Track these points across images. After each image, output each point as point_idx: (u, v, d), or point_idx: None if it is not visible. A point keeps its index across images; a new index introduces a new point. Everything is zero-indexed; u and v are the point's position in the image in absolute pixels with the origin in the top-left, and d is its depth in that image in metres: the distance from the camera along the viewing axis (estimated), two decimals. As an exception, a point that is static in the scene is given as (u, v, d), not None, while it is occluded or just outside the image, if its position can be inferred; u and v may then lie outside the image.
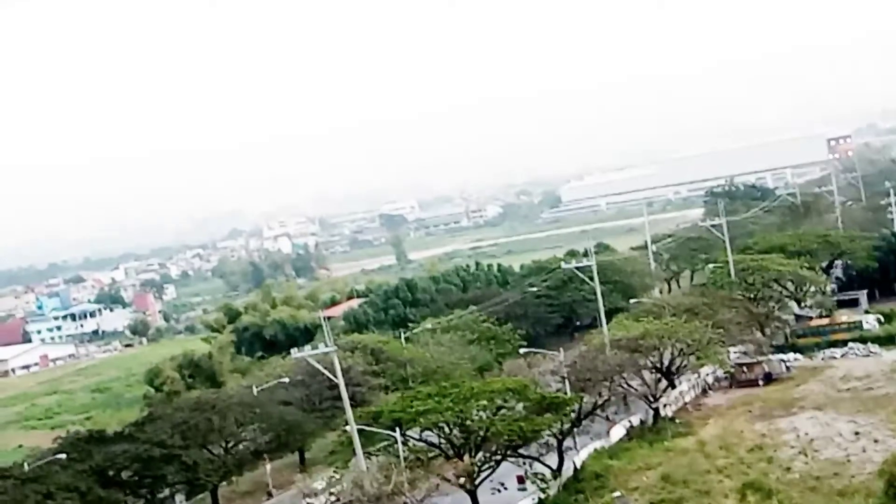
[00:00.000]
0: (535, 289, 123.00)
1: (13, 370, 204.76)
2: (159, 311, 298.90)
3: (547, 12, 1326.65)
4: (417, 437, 66.67)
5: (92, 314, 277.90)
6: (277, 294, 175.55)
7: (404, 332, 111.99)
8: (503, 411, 66.06)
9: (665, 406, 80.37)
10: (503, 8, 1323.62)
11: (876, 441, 64.22)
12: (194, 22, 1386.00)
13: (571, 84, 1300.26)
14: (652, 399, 79.35)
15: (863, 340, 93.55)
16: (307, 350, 75.82)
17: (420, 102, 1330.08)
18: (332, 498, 63.51)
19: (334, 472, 66.87)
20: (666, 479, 63.61)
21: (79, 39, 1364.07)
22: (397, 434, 66.06)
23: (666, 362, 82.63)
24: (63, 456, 75.39)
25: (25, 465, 76.13)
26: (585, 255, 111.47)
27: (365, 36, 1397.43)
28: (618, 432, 76.12)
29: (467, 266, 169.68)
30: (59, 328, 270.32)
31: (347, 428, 68.19)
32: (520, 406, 67.21)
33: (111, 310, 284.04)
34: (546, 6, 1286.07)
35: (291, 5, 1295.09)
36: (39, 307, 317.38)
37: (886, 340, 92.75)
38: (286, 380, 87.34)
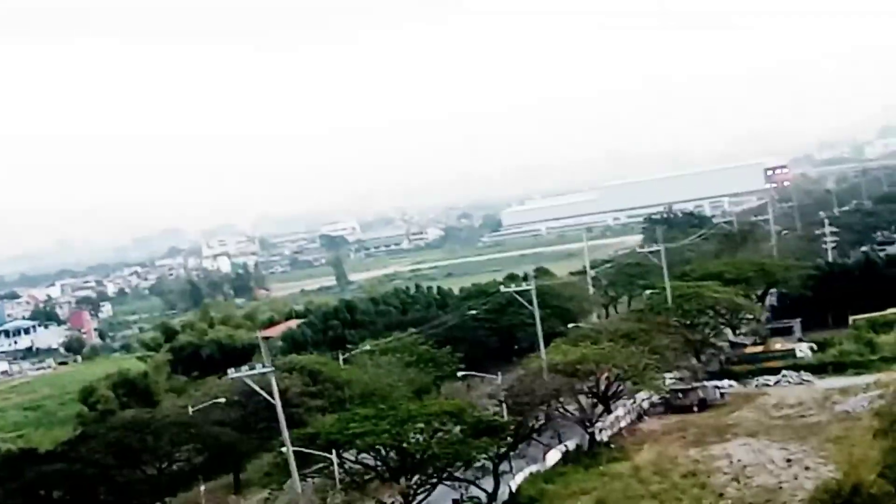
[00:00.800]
0: (474, 312, 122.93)
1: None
2: (95, 329, 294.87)
3: (508, 25, 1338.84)
4: (354, 459, 66.40)
5: (26, 331, 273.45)
6: (216, 313, 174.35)
7: (343, 354, 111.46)
8: (440, 434, 65.96)
9: (601, 431, 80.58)
10: (457, 25, 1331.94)
11: (808, 468, 64.71)
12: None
13: (512, 101, 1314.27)
14: (588, 424, 79.53)
15: (796, 368, 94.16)
16: (244, 370, 75.20)
17: (361, 119, 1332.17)
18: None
19: (269, 494, 66.36)
20: (600, 504, 63.88)
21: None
22: (333, 456, 65.71)
23: (602, 387, 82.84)
24: (-9, 476, 74.30)
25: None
26: (525, 279, 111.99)
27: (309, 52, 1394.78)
28: (553, 457, 76.12)
29: (407, 288, 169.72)
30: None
31: (283, 449, 67.73)
32: (457, 429, 67.13)
33: (46, 327, 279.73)
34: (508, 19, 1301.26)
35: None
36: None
37: (819, 368, 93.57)
38: (222, 400, 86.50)
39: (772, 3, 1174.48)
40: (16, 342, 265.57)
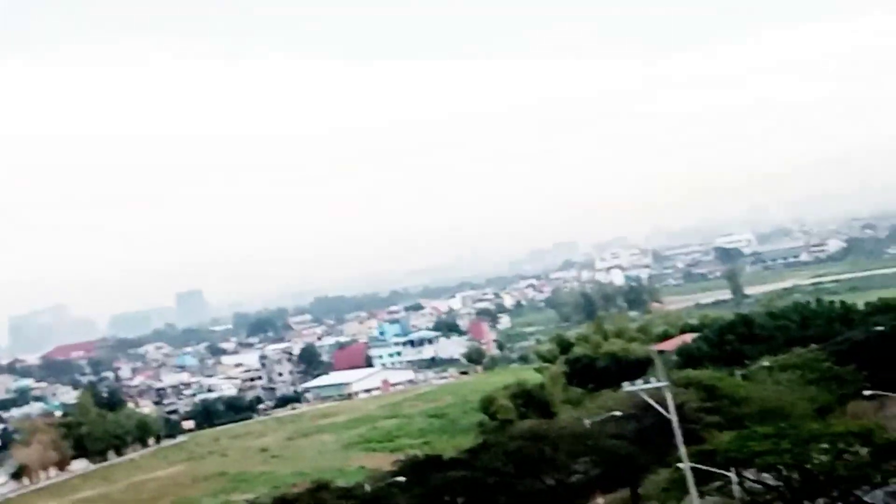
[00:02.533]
0: (881, 328, 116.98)
1: (356, 393, 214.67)
2: (493, 340, 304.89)
3: None
4: (753, 478, 64.85)
5: (430, 341, 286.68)
6: (609, 326, 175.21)
7: (740, 369, 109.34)
8: (846, 455, 63.24)
9: None
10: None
11: None
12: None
13: None
14: None
15: None
16: (639, 384, 75.21)
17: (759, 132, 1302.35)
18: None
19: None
20: None
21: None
22: (732, 474, 64.50)
23: None
24: (402, 479, 78.11)
25: (367, 485, 79.48)
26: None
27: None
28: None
29: (808, 302, 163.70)
30: (398, 353, 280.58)
31: (680, 465, 67.16)
32: (865, 450, 64.11)
33: (448, 337, 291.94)
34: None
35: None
36: (381, 333, 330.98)
37: None
38: (618, 413, 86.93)
39: None
40: (420, 352, 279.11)
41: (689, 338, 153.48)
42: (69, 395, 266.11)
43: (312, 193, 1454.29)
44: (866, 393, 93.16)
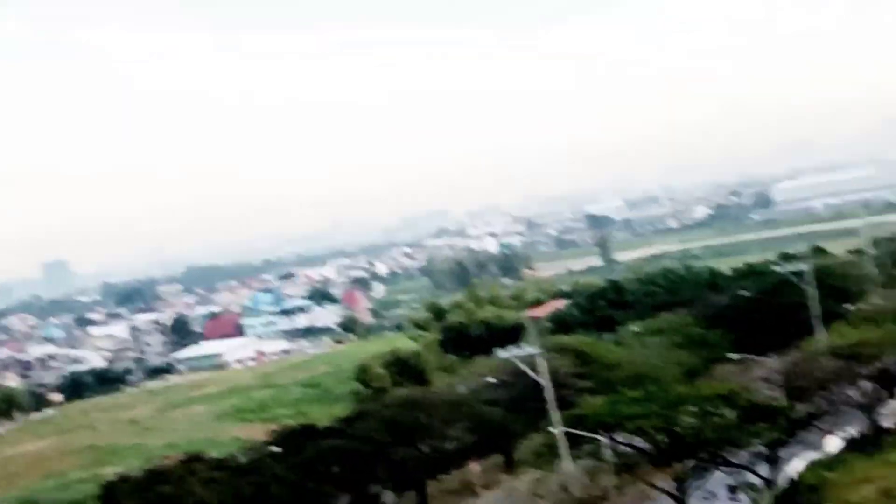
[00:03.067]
0: (746, 293, 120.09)
1: (229, 363, 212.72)
2: (368, 309, 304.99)
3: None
4: (624, 441, 66.00)
5: (303, 310, 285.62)
6: (483, 293, 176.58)
7: (610, 335, 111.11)
8: (713, 418, 64.71)
9: (885, 417, 77.12)
10: None
11: None
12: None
13: (777, 72, 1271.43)
14: (870, 409, 76.30)
15: None
16: (512, 351, 76.08)
17: (628, 104, 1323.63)
18: (538, 500, 63.43)
19: (541, 474, 66.76)
20: (886, 494, 60.89)
21: None
22: (603, 438, 65.48)
23: (886, 371, 79.32)
24: (276, 448, 77.59)
25: (240, 456, 78.67)
26: (799, 258, 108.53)
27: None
28: (834, 443, 73.42)
29: (675, 268, 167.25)
30: (272, 323, 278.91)
31: (553, 430, 68.08)
32: (731, 413, 65.71)
33: (322, 306, 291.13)
34: None
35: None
36: (254, 302, 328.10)
37: None
38: (492, 380, 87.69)
39: None
40: (294, 321, 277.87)
41: (561, 304, 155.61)
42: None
43: (180, 159, 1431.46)
44: (732, 356, 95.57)
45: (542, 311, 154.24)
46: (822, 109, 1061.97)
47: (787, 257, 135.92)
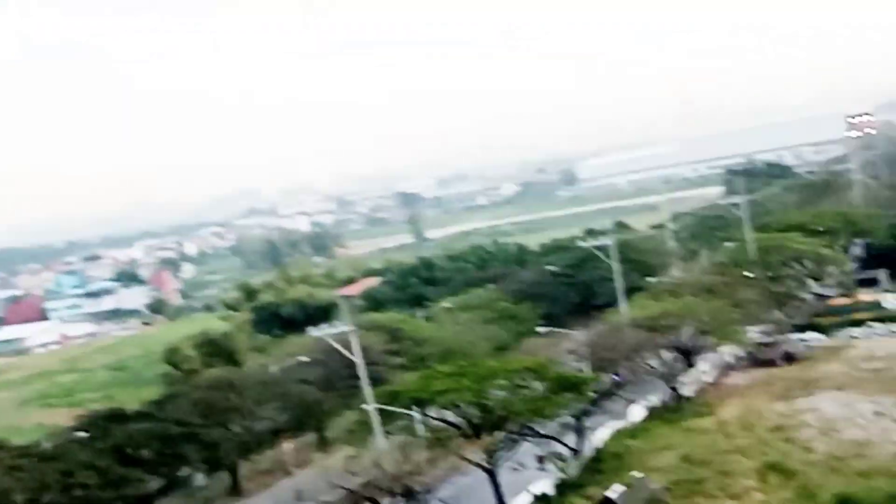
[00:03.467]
0: (553, 267, 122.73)
1: (32, 348, 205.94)
2: (177, 290, 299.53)
3: None
4: (436, 416, 66.68)
5: (110, 292, 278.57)
6: (294, 273, 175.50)
7: (422, 311, 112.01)
8: (522, 390, 65.97)
9: (684, 386, 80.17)
10: None
11: (897, 421, 63.98)
12: None
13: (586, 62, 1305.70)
14: (671, 379, 79.21)
15: (882, 320, 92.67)
16: (325, 329, 76.01)
17: (438, 81, 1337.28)
18: (352, 478, 63.54)
19: (353, 451, 66.89)
20: (686, 460, 63.47)
21: None
22: (416, 413, 66.04)
23: (685, 342, 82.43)
24: (83, 434, 75.60)
25: (45, 442, 76.38)
26: (604, 233, 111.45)
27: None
28: (637, 412, 76.02)
29: (485, 244, 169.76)
30: (77, 306, 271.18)
31: (366, 407, 68.34)
32: (539, 385, 67.10)
33: (129, 288, 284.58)
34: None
35: None
36: (57, 285, 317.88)
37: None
38: (305, 359, 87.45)
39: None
40: (100, 304, 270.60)
41: (373, 282, 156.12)
42: None
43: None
44: (541, 330, 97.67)
45: (355, 289, 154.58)
46: (627, 94, 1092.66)
47: (591, 233, 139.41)
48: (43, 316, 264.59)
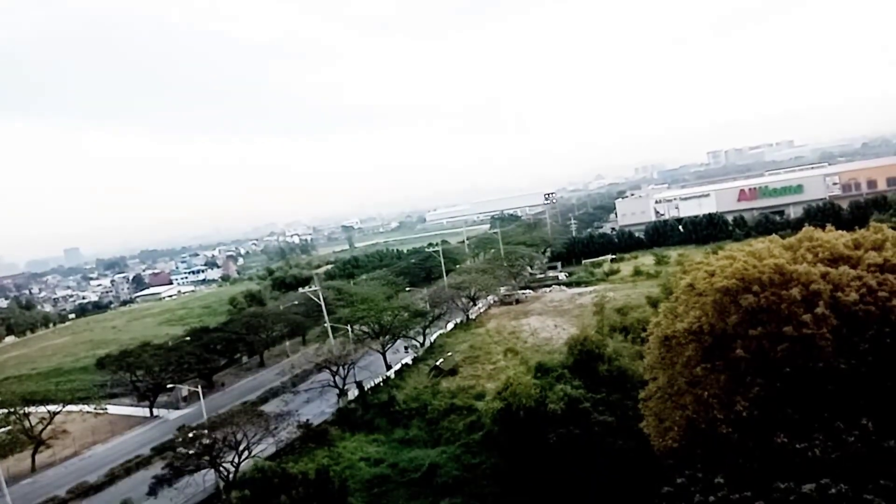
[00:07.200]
0: (414, 261, 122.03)
1: (164, 298, 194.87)
2: (235, 270, 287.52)
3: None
4: (359, 328, 65.81)
5: (202, 271, 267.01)
6: (292, 263, 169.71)
7: (353, 281, 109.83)
8: (398, 316, 65.61)
9: (471, 313, 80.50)
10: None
11: (564, 329, 65.33)
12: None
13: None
14: (465, 310, 79.46)
15: (559, 284, 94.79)
16: (308, 289, 73.95)
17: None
18: (318, 357, 62.21)
19: (319, 346, 65.51)
20: (471, 347, 64.00)
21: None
22: (349, 327, 64.94)
23: (472, 293, 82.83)
24: (187, 338, 72.25)
25: (169, 343, 72.69)
26: (436, 245, 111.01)
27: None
28: (450, 326, 75.98)
29: (382, 250, 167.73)
30: (185, 278, 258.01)
31: (325, 325, 66.73)
32: (405, 314, 66.78)
33: (212, 269, 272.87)
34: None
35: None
36: (176, 269, 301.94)
37: (569, 284, 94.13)
38: (297, 302, 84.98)
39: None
40: (197, 277, 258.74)
41: (330, 267, 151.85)
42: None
43: None
44: (408, 290, 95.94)
45: (321, 270, 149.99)
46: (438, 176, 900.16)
47: (431, 245, 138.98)
48: (169, 282, 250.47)
